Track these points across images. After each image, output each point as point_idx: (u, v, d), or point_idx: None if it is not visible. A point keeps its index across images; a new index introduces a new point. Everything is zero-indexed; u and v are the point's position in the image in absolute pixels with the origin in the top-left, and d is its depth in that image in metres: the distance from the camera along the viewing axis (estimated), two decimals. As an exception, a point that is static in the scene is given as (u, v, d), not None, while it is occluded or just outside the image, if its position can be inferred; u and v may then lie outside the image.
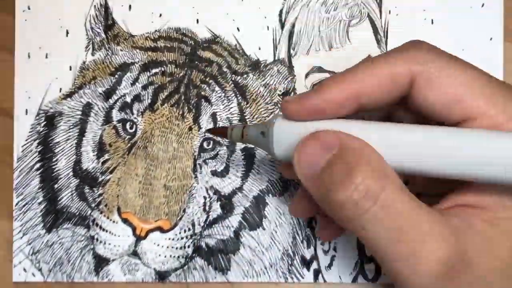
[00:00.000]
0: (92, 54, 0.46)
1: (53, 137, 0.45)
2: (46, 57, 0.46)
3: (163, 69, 0.45)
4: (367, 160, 0.27)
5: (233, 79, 0.46)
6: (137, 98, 0.45)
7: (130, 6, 0.46)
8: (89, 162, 0.45)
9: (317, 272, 0.47)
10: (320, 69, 0.46)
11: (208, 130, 0.39)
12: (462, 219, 0.28)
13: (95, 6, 0.46)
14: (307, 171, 0.29)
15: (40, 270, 0.45)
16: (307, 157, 0.29)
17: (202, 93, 0.45)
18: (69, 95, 0.46)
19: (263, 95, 0.46)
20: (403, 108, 0.31)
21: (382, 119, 0.33)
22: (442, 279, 0.27)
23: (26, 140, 0.46)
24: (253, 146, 0.43)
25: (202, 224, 0.45)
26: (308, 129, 0.30)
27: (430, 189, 0.33)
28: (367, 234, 0.27)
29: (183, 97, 0.45)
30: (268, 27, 0.46)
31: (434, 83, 0.28)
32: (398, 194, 0.27)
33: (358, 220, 0.27)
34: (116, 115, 0.45)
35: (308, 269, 0.47)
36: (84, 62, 0.46)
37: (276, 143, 0.31)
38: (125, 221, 0.44)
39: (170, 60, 0.46)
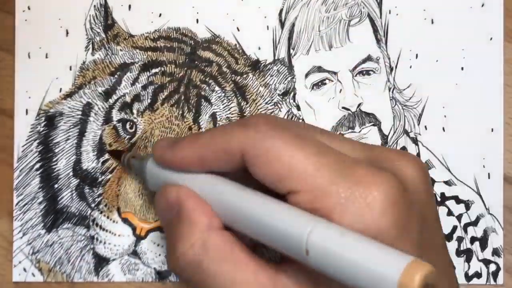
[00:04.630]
0: (92, 54, 0.46)
1: (53, 137, 0.45)
2: (46, 57, 0.46)
3: (163, 69, 0.45)
4: (191, 231, 0.31)
5: (233, 79, 0.46)
6: (137, 98, 0.45)
7: (130, 6, 0.46)
8: (89, 162, 0.45)
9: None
10: (320, 69, 0.46)
11: (109, 152, 0.45)
12: (289, 275, 0.30)
13: (95, 6, 0.46)
14: (161, 222, 0.36)
15: (40, 270, 0.45)
16: (158, 211, 0.35)
17: (202, 93, 0.45)
18: (69, 95, 0.46)
19: (263, 95, 0.46)
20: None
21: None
22: None
23: (26, 140, 0.46)
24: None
25: (202, 224, 0.45)
26: (167, 177, 0.34)
27: None
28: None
29: (183, 97, 0.45)
30: (268, 27, 0.46)
31: (259, 162, 0.30)
32: (219, 265, 0.30)
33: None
34: (116, 115, 0.45)
35: (308, 269, 0.47)
36: (84, 62, 0.46)
37: (149, 178, 0.37)
38: (125, 220, 0.44)
39: (170, 60, 0.46)
